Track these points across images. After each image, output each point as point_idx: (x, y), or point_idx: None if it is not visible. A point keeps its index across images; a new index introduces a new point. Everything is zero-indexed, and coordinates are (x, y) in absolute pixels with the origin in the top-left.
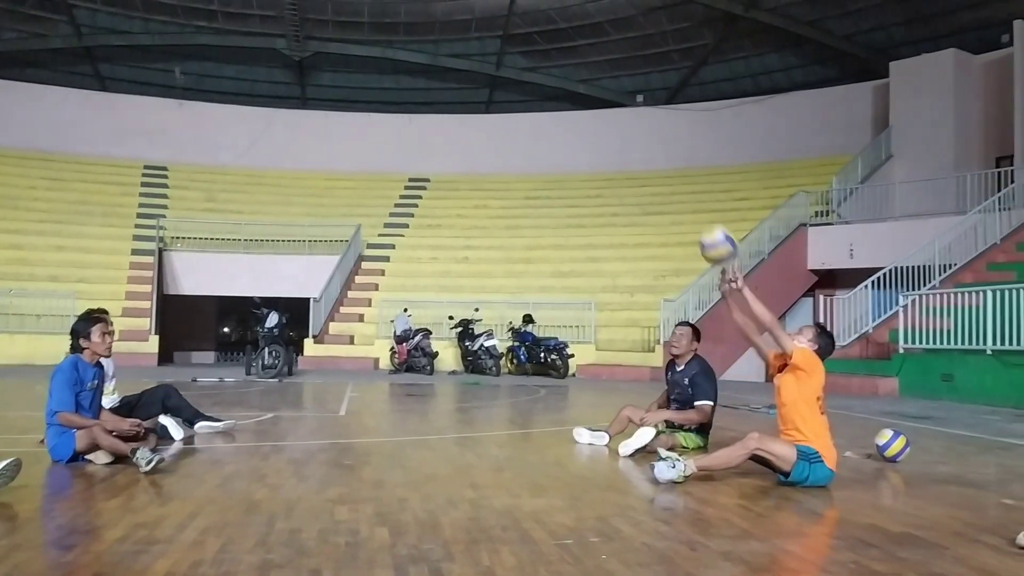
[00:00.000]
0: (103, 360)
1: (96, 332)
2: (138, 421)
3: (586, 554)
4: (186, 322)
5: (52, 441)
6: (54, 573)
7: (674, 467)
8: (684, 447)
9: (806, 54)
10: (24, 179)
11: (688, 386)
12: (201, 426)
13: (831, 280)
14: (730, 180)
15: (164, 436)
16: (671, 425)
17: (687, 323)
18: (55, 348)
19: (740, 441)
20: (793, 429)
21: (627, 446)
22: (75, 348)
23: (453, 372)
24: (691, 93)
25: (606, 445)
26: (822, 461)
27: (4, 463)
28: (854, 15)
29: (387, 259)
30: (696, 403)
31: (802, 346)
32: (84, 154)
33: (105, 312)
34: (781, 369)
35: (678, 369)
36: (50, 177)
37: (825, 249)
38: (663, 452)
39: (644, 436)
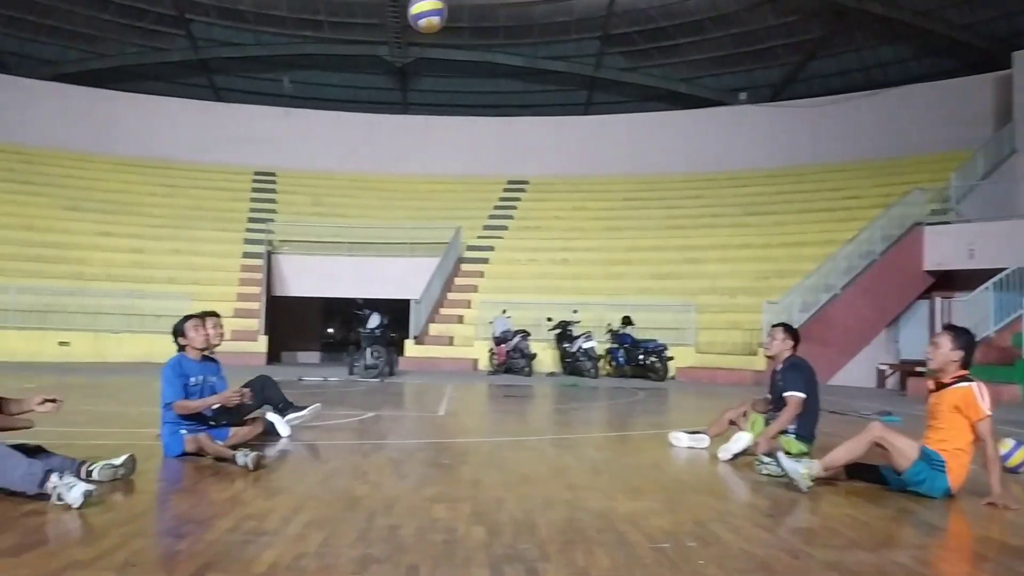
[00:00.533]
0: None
1: (190, 328)
2: (240, 390)
3: (683, 558)
4: (293, 323)
5: (165, 439)
6: (169, 560)
7: (800, 461)
8: (788, 453)
9: (922, 45)
10: (145, 186)
11: (780, 382)
12: (290, 418)
13: (949, 282)
14: (839, 178)
15: (271, 432)
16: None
17: (781, 323)
18: (171, 347)
19: (861, 432)
20: (934, 441)
21: (727, 450)
22: (180, 347)
23: (551, 374)
24: (797, 89)
25: (705, 448)
26: (944, 472)
27: (122, 458)
28: (973, 4)
29: (486, 261)
30: (785, 394)
31: (990, 413)
32: (199, 161)
33: (212, 314)
34: (938, 388)
35: (777, 371)
36: (168, 184)
37: (943, 249)
38: (768, 462)
39: (743, 440)
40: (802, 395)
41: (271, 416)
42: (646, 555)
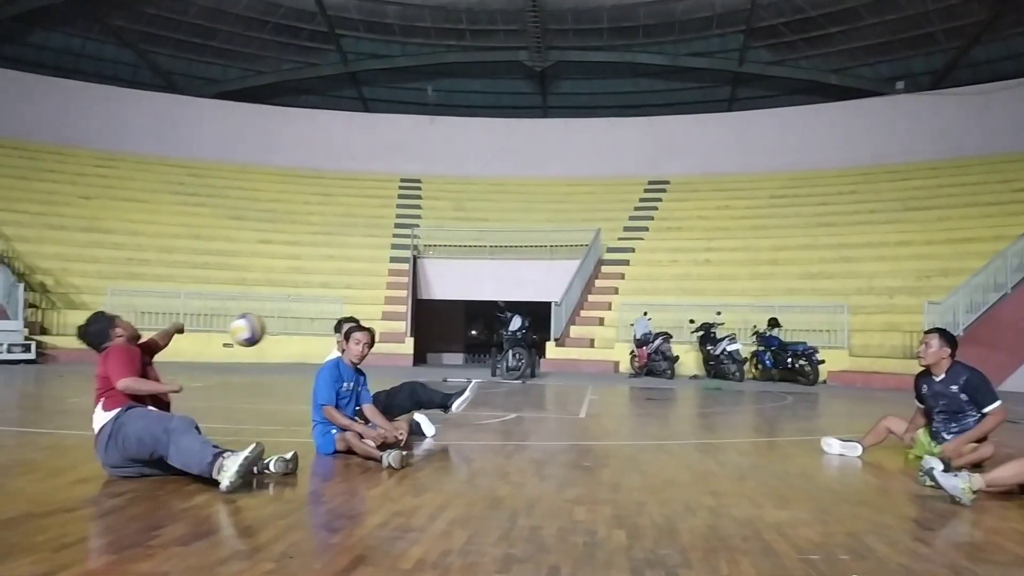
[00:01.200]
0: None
1: (352, 340)
2: (391, 432)
3: (835, 571)
4: (438, 325)
5: (317, 438)
6: (325, 552)
7: (957, 476)
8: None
9: None
10: (300, 195)
11: (960, 393)
12: (457, 404)
13: None
14: (1009, 169)
15: (417, 432)
16: (936, 437)
17: (935, 329)
18: (326, 348)
19: None
20: None
21: (939, 472)
22: (342, 350)
23: (694, 377)
24: (960, 76)
25: (859, 457)
26: None
27: (290, 454)
28: None
29: (627, 263)
30: (987, 409)
31: None
32: (350, 170)
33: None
34: None
35: (937, 379)
36: (322, 192)
37: None
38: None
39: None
40: (1001, 402)
41: (417, 416)
42: (794, 566)
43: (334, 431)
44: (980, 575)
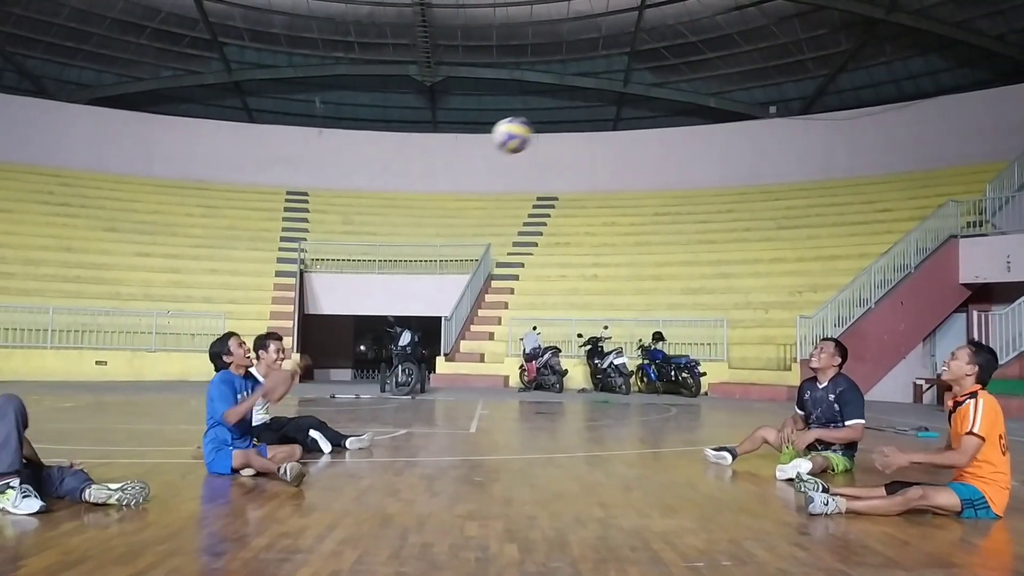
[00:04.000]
0: (260, 378)
1: (233, 345)
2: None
3: None
4: (325, 340)
5: (211, 456)
6: None
7: (827, 504)
8: (833, 470)
9: (954, 56)
10: (182, 207)
11: (835, 403)
12: (351, 441)
13: (986, 294)
14: (872, 191)
15: (314, 449)
16: (819, 444)
17: (831, 338)
18: (208, 366)
19: (902, 495)
20: (968, 470)
21: (783, 471)
22: (220, 366)
23: (582, 390)
24: (828, 102)
25: (729, 465)
26: (988, 507)
27: (119, 484)
28: (1006, 14)
29: (516, 278)
30: (848, 422)
31: (978, 431)
32: (234, 182)
33: (274, 336)
34: (955, 407)
35: (820, 386)
36: (204, 205)
37: (979, 262)
38: (811, 484)
39: (803, 467)
40: (864, 422)
41: (313, 433)
42: (680, 574)
43: (230, 448)
44: None
